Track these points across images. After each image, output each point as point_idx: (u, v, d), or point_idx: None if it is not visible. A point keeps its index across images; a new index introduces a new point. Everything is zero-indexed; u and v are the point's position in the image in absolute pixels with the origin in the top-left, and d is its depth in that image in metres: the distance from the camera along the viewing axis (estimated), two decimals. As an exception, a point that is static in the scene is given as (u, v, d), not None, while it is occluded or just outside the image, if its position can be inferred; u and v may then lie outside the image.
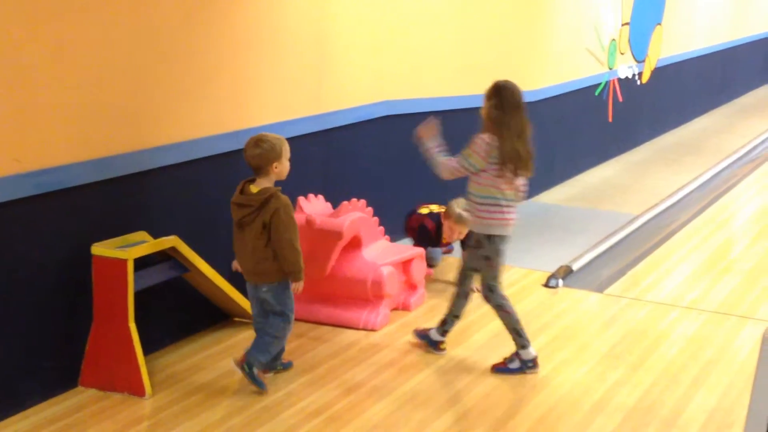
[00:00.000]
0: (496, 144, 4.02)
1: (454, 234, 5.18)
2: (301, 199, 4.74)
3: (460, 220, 5.05)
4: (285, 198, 3.86)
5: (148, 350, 4.01)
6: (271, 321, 3.96)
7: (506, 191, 4.08)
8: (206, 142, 4.43)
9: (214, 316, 4.64)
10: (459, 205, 5.00)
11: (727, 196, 7.78)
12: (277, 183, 3.93)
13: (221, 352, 4.35)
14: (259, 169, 3.87)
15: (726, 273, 5.68)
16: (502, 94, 4.04)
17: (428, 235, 5.30)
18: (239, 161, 4.65)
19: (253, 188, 3.87)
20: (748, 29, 13.73)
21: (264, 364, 3.94)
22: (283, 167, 3.90)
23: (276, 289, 3.92)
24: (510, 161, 4.00)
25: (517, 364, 4.18)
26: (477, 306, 5.00)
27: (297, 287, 3.93)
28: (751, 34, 13.95)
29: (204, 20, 4.35)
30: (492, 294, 4.20)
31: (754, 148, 9.89)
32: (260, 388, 3.88)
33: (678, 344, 4.53)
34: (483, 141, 4.04)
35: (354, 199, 4.74)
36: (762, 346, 2.31)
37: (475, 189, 4.12)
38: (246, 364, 3.86)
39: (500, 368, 4.20)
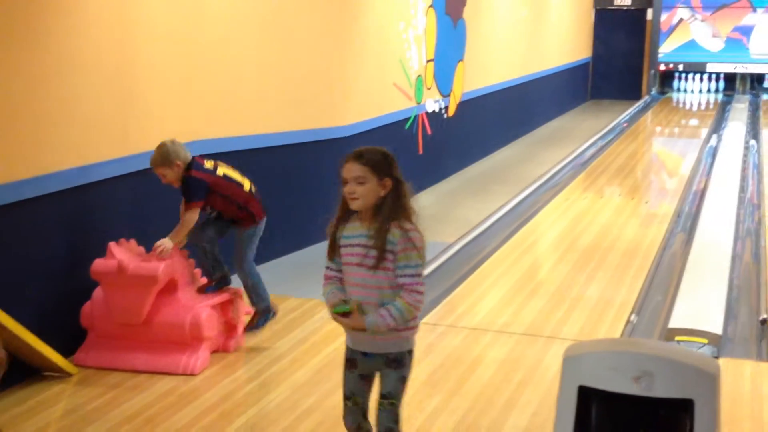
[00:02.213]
0: None
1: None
2: (112, 244, 4.59)
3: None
4: None
5: (-53, 414, 3.75)
6: None
7: None
8: (6, 189, 4.21)
9: (21, 371, 4.38)
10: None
11: (531, 221, 8.21)
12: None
13: (30, 410, 4.11)
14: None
15: (533, 295, 5.98)
16: (394, 164, 3.04)
17: None
18: (45, 206, 4.48)
19: None
20: (541, 64, 14.63)
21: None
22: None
23: None
24: None
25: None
26: (299, 342, 5.02)
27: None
28: (545, 69, 14.87)
29: (7, 59, 4.15)
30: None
31: (554, 175, 10.51)
32: None
33: (492, 367, 4.72)
34: (419, 233, 3.01)
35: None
36: (563, 366, 2.46)
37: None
38: None
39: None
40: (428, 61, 9.30)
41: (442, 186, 9.71)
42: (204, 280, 4.93)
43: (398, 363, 3.12)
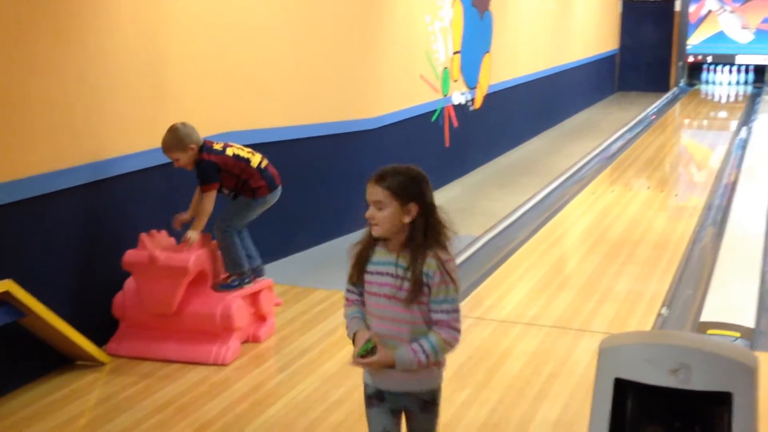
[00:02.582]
0: None
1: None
2: (143, 235, 4.62)
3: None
4: None
5: (-17, 401, 3.80)
6: None
7: None
8: (41, 180, 4.25)
9: (55, 360, 4.44)
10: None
11: (559, 214, 8.17)
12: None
13: (64, 398, 4.16)
14: None
15: (562, 288, 5.96)
16: (424, 186, 2.72)
17: None
18: (79, 198, 4.52)
19: None
20: (568, 56, 14.53)
21: None
22: None
23: None
24: None
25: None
26: (327, 333, 5.04)
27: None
28: (572, 60, 14.78)
29: (42, 55, 4.19)
30: None
31: (581, 167, 10.45)
32: None
33: (521, 360, 4.71)
34: (455, 263, 2.73)
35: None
36: (599, 358, 2.45)
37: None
38: None
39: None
40: (455, 53, 9.27)
41: (469, 178, 9.69)
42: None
43: (433, 404, 2.81)
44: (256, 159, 4.86)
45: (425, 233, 2.66)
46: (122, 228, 4.82)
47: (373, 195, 2.67)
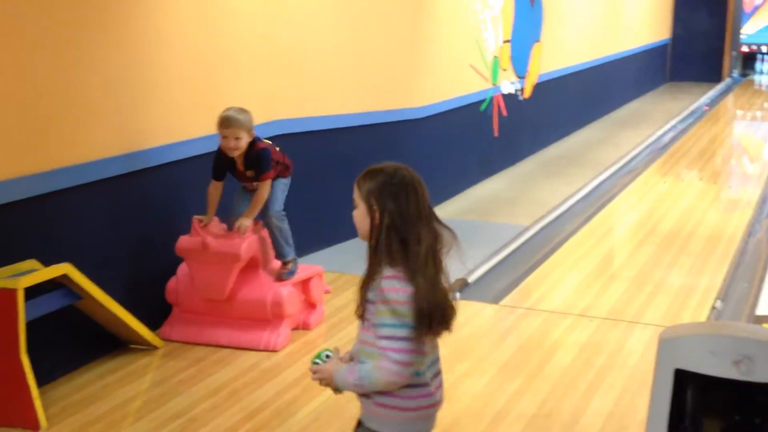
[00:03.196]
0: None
1: None
2: (196, 222, 4.66)
3: None
4: None
5: (41, 382, 3.86)
6: None
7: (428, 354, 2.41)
8: (98, 166, 4.32)
9: (110, 344, 4.51)
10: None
11: (609, 205, 8.08)
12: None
13: (118, 381, 4.23)
14: None
15: (613, 280, 5.89)
16: (393, 191, 2.36)
17: None
18: (132, 184, 4.58)
19: None
20: (619, 45, 14.34)
21: None
22: None
23: None
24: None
25: None
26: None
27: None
28: (623, 50, 14.58)
29: (93, 42, 4.25)
30: None
31: (631, 159, 10.32)
32: None
33: (572, 351, 4.67)
34: (400, 284, 2.31)
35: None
36: (659, 349, 2.41)
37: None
38: None
39: None
40: (504, 42, 9.20)
41: (518, 168, 9.62)
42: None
43: None
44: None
45: (377, 242, 2.33)
46: (176, 214, 4.88)
47: (354, 192, 2.43)
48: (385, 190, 2.34)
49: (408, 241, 2.31)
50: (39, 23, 3.95)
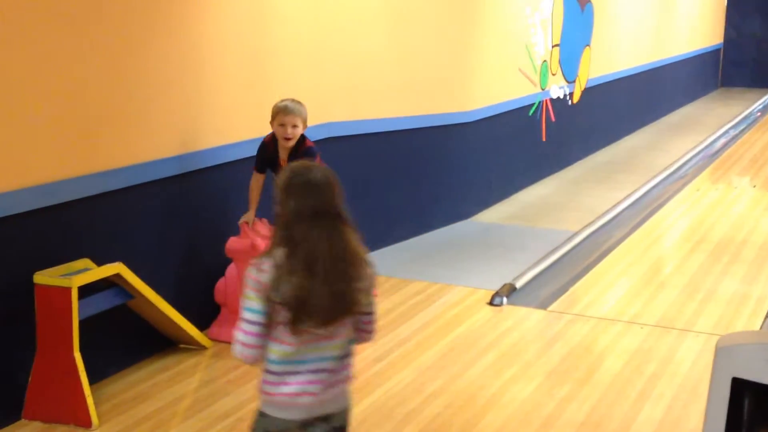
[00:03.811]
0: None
1: None
2: (245, 223, 4.70)
3: None
4: None
5: (93, 379, 3.92)
6: None
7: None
8: (150, 167, 4.37)
9: (160, 343, 4.56)
10: None
11: (660, 212, 7.97)
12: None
13: (168, 380, 4.27)
14: None
15: (664, 287, 5.81)
16: (283, 188, 2.47)
17: None
18: (184, 185, 4.63)
19: None
20: (670, 50, 14.16)
21: None
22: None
23: None
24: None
25: None
26: (424, 325, 5.03)
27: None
28: (674, 55, 14.39)
29: (146, 43, 4.31)
30: None
31: (682, 165, 10.17)
32: None
33: (622, 358, 4.61)
34: (255, 270, 2.42)
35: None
36: (715, 358, 2.37)
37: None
38: None
39: None
40: (554, 47, 9.14)
41: (566, 173, 9.54)
42: None
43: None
44: None
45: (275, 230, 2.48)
46: (225, 215, 4.92)
47: None
48: (286, 189, 2.45)
49: (294, 237, 2.39)
50: (94, 26, 4.02)
